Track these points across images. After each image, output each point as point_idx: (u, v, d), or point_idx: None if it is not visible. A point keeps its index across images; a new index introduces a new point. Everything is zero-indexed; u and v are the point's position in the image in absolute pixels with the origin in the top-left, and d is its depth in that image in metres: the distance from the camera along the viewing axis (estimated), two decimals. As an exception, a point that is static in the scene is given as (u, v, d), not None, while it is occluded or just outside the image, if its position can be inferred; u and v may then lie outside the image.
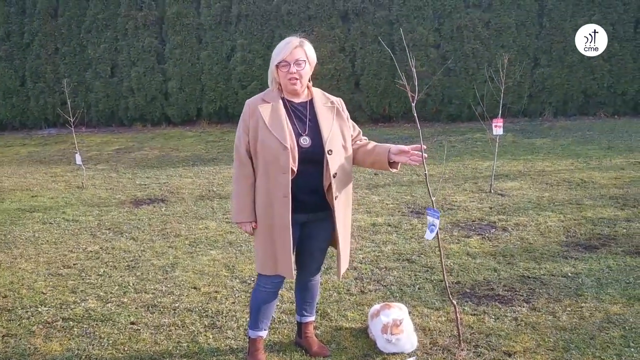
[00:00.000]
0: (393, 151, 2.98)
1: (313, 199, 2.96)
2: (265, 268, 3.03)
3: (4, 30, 13.30)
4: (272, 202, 2.90)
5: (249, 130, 2.93)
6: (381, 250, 4.87)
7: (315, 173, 2.92)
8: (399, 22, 11.66)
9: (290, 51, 2.86)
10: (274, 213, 2.90)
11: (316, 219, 3.03)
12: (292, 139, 2.85)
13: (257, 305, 3.15)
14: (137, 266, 4.76)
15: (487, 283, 4.12)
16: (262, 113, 2.90)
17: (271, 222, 2.92)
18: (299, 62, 2.88)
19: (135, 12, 12.72)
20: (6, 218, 6.40)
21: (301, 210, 2.94)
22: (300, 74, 2.90)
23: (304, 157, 2.88)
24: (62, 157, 10.15)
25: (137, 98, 12.96)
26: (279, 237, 2.93)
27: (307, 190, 2.93)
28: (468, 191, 6.62)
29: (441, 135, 10.52)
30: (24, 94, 13.54)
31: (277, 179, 2.86)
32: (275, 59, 2.91)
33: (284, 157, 2.83)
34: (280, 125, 2.87)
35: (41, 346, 3.50)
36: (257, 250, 3.06)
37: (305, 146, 2.89)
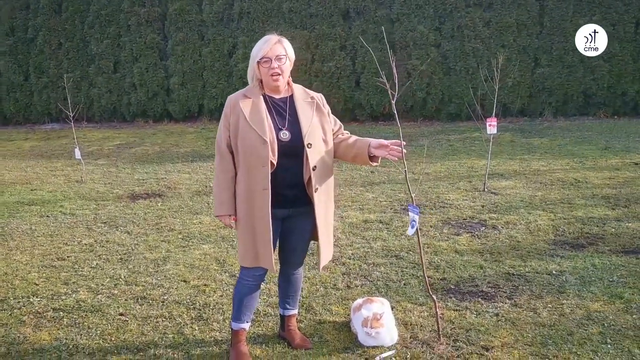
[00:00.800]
0: (373, 145, 3.02)
1: (293, 193, 3.02)
2: (246, 260, 3.09)
3: (8, 25, 13.42)
4: (253, 195, 2.95)
5: (229, 125, 2.99)
6: (370, 247, 4.92)
7: (295, 167, 2.98)
8: (399, 20, 11.70)
9: (270, 47, 2.94)
10: (254, 206, 2.96)
11: (297, 214, 3.09)
12: (271, 133, 2.92)
13: (240, 297, 3.21)
14: (129, 259, 4.83)
15: (472, 280, 4.16)
16: (242, 108, 2.96)
17: (251, 215, 2.98)
18: (280, 57, 2.95)
19: (138, 9, 12.81)
20: (4, 211, 6.49)
21: (282, 205, 3.00)
22: (282, 69, 2.97)
23: (284, 151, 2.94)
24: (63, 152, 10.25)
25: (139, 94, 13.06)
26: (259, 230, 2.98)
27: (287, 184, 2.98)
28: (462, 189, 6.66)
29: (440, 134, 10.56)
30: (28, 89, 13.66)
31: (256, 172, 2.92)
32: (256, 56, 2.97)
33: (264, 150, 2.89)
34: (260, 120, 2.93)
35: (30, 335, 3.57)
36: (240, 243, 3.12)
37: (284, 140, 2.95)
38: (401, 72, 11.37)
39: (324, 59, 12.03)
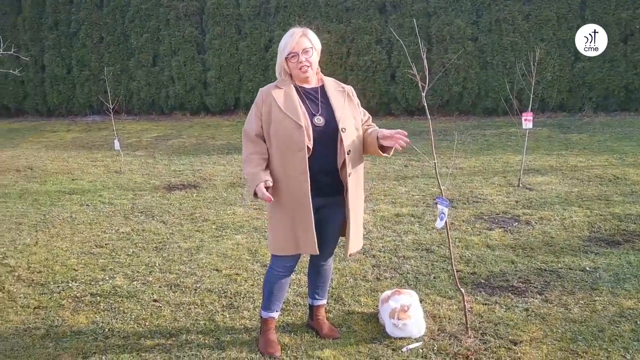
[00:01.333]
0: (380, 136, 3.04)
1: (328, 180, 3.05)
2: (285, 248, 3.11)
3: (52, 19, 13.79)
4: (290, 181, 2.98)
5: (261, 114, 3.04)
6: (401, 240, 4.93)
7: (330, 152, 3.01)
8: (436, 14, 11.59)
9: (296, 41, 2.99)
10: (292, 192, 2.99)
11: (330, 204, 3.12)
12: (305, 118, 2.96)
13: (270, 287, 3.26)
14: (164, 248, 4.96)
15: (503, 274, 4.13)
16: (275, 97, 3.01)
17: (289, 201, 3.01)
18: (307, 50, 2.99)
19: (177, 3, 13.01)
20: (47, 199, 6.72)
21: (317, 194, 3.02)
22: (310, 61, 3.01)
23: (319, 136, 2.97)
24: (103, 143, 10.51)
25: (177, 87, 13.27)
26: (299, 215, 3.01)
27: (322, 170, 3.01)
28: (496, 184, 6.59)
29: (476, 128, 10.44)
30: (70, 82, 14.03)
31: (293, 157, 2.95)
32: (283, 51, 3.03)
33: (299, 135, 2.92)
34: (294, 107, 2.98)
35: (69, 319, 3.71)
36: (274, 232, 3.15)
37: (319, 125, 2.99)
38: (437, 66, 11.27)
39: (360, 52, 12.01)
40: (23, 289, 4.20)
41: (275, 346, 3.25)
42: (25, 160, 9.14)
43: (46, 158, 9.34)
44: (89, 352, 3.28)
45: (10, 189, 7.29)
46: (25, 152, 9.91)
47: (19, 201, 6.66)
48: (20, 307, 3.90)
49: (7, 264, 4.68)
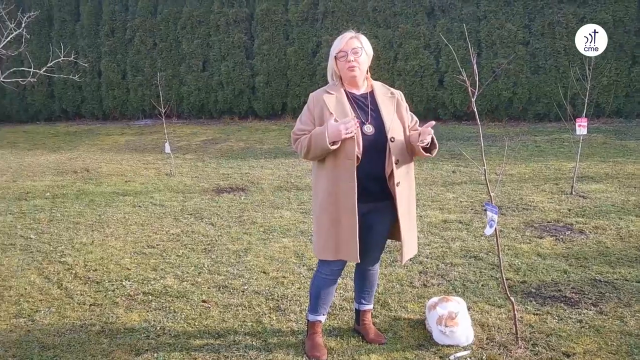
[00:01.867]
0: (412, 141, 3.06)
1: (375, 187, 3.05)
2: (327, 253, 3.13)
3: (109, 26, 14.26)
4: (338, 188, 3.00)
5: (314, 119, 3.06)
6: (449, 247, 4.87)
7: (378, 161, 3.01)
8: (486, 18, 11.42)
9: (346, 42, 3.03)
10: (339, 199, 3.01)
11: (378, 209, 3.12)
12: (356, 127, 2.95)
13: (317, 291, 3.28)
14: (213, 249, 5.05)
15: (555, 284, 4.04)
16: (326, 102, 3.04)
17: (337, 207, 3.03)
18: (356, 50, 3.02)
19: (227, 9, 13.25)
20: (102, 200, 6.94)
21: (364, 200, 3.02)
22: (358, 61, 3.03)
23: (368, 145, 2.98)
24: (155, 146, 10.79)
25: (226, 92, 13.51)
26: (345, 222, 3.02)
27: (370, 177, 3.02)
28: (547, 192, 6.43)
29: (526, 134, 10.22)
30: (125, 87, 14.46)
31: (342, 165, 2.97)
32: (333, 52, 3.07)
33: (350, 143, 2.93)
34: (345, 114, 2.99)
35: (122, 316, 3.83)
36: (318, 236, 3.18)
37: (368, 134, 2.99)
38: (486, 71, 11.11)
39: (407, 57, 11.95)
40: (80, 286, 4.35)
41: (322, 350, 3.26)
42: (82, 162, 9.47)
43: (101, 160, 9.65)
44: (142, 350, 3.38)
45: (68, 189, 7.57)
46: (82, 155, 10.27)
47: (76, 202, 6.91)
48: (77, 303, 4.04)
49: (65, 262, 4.86)
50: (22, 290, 4.29)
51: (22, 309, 3.97)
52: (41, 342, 3.50)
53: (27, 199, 7.13)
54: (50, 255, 5.06)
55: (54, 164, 9.41)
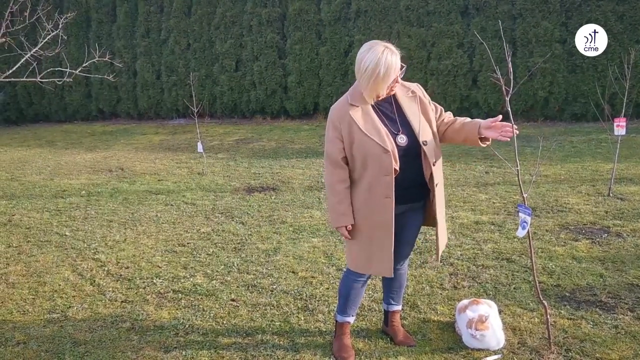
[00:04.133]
0: (483, 126, 2.96)
1: (414, 192, 3.03)
2: (360, 267, 3.12)
3: (144, 27, 14.49)
4: (373, 203, 2.94)
5: (342, 136, 2.94)
6: (480, 248, 4.79)
7: (415, 167, 2.97)
8: (522, 16, 11.21)
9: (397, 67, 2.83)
10: (374, 214, 2.95)
11: (413, 209, 3.12)
12: (390, 141, 2.89)
13: (346, 292, 3.26)
14: (242, 248, 5.07)
15: (590, 288, 3.92)
16: (354, 117, 2.91)
17: (371, 223, 2.98)
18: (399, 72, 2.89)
19: (260, 9, 13.31)
20: (135, 198, 7.05)
21: (401, 202, 2.98)
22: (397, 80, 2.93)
23: (404, 155, 2.92)
24: (187, 146, 10.91)
25: (259, 91, 13.58)
26: (378, 238, 2.99)
27: (406, 185, 2.97)
28: (583, 193, 6.27)
29: (562, 135, 9.99)
30: (159, 87, 14.67)
31: (379, 181, 2.90)
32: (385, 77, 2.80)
33: (387, 159, 2.87)
34: (377, 129, 2.90)
35: (152, 313, 3.87)
36: (351, 249, 3.14)
37: (402, 144, 2.92)
38: (522, 70, 10.90)
39: (440, 56, 11.81)
40: (112, 283, 4.42)
41: (350, 351, 3.24)
42: (117, 161, 9.64)
43: (136, 159, 9.80)
44: (170, 347, 3.41)
45: (102, 188, 7.72)
46: (117, 154, 10.46)
47: (110, 200, 7.03)
48: (109, 300, 4.11)
49: (98, 259, 4.95)
50: (56, 286, 4.39)
51: (56, 305, 4.05)
52: (73, 337, 3.56)
53: (63, 196, 7.29)
54: (84, 252, 5.16)
55: (90, 163, 9.60)
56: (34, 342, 3.52)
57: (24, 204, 6.97)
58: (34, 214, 6.50)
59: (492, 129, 2.93)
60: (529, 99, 11.28)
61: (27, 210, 6.67)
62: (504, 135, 2.90)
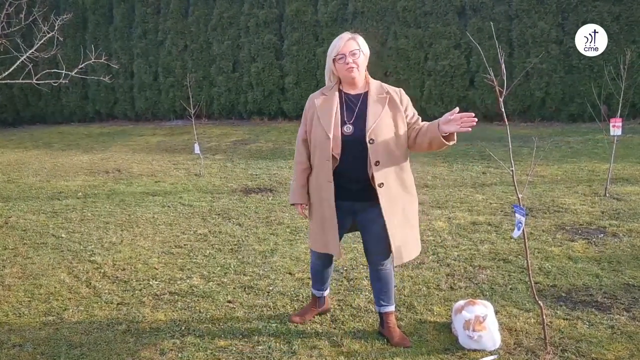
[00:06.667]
0: (442, 122, 3.00)
1: (356, 187, 3.15)
2: (316, 245, 3.39)
3: (141, 29, 14.48)
4: (320, 187, 3.20)
5: (307, 121, 3.26)
6: (477, 249, 4.79)
7: (358, 161, 3.09)
8: (518, 17, 11.23)
9: (344, 43, 3.10)
10: (322, 197, 3.21)
11: (365, 208, 3.19)
12: (336, 128, 3.10)
13: (314, 273, 3.67)
14: (239, 250, 5.07)
15: (586, 288, 3.93)
16: (316, 105, 3.19)
17: (321, 205, 3.23)
18: (354, 52, 3.10)
19: (257, 10, 13.31)
20: (132, 200, 7.04)
21: (346, 198, 3.17)
22: (356, 62, 3.10)
23: (347, 145, 3.09)
24: (185, 147, 10.90)
25: (256, 92, 13.57)
26: (327, 219, 3.22)
27: (350, 178, 3.13)
28: (580, 194, 6.28)
29: (559, 135, 10.01)
30: (156, 88, 14.65)
31: (322, 165, 3.14)
32: (331, 54, 3.16)
33: (327, 145, 3.09)
34: (329, 115, 3.13)
35: (149, 315, 3.87)
36: (310, 228, 3.42)
37: (347, 133, 3.10)
38: (518, 71, 10.91)
39: (437, 57, 11.83)
40: (108, 285, 4.41)
41: (303, 316, 3.62)
42: (114, 163, 9.63)
43: (132, 161, 9.79)
44: (166, 349, 3.40)
45: (99, 189, 7.70)
46: (114, 155, 10.44)
47: (107, 201, 7.02)
48: (105, 302, 4.10)
49: (94, 261, 4.94)
50: (52, 288, 4.38)
51: (52, 307, 4.04)
52: (69, 340, 3.56)
53: (59, 198, 7.27)
54: (80, 254, 5.15)
55: (87, 164, 9.58)
56: (29, 345, 3.51)
57: (20, 206, 6.95)
58: (30, 215, 6.49)
59: (450, 123, 2.96)
60: (525, 100, 11.31)
61: (23, 212, 6.66)
62: (464, 126, 2.92)
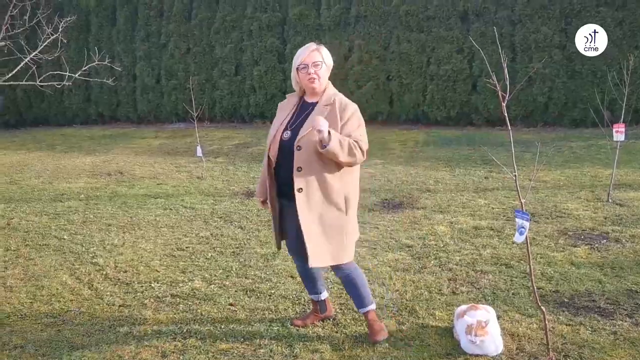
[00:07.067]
0: None
1: (286, 188, 3.25)
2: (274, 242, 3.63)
3: (144, 31, 14.52)
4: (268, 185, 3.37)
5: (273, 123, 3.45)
6: (480, 254, 4.79)
7: (289, 165, 3.20)
8: (521, 22, 11.24)
9: (308, 54, 3.21)
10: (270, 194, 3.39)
11: (289, 206, 3.28)
12: (278, 133, 3.28)
13: (300, 275, 3.74)
14: (241, 253, 5.07)
15: (589, 294, 3.92)
16: (279, 108, 3.45)
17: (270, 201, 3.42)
18: (316, 63, 3.23)
19: (260, 14, 13.35)
20: (134, 202, 7.04)
21: (278, 195, 3.37)
22: (318, 74, 3.22)
23: (283, 149, 3.25)
24: (187, 150, 10.90)
25: (258, 96, 13.59)
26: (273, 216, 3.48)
27: (282, 179, 3.28)
28: (582, 199, 6.27)
29: (562, 140, 10.00)
30: (159, 91, 14.68)
31: (266, 165, 3.34)
32: (295, 63, 3.27)
33: (269, 147, 3.30)
34: (279, 119, 3.35)
35: (150, 317, 3.86)
36: None
37: (285, 139, 3.25)
38: (521, 76, 10.91)
39: (440, 62, 11.84)
40: (109, 287, 4.41)
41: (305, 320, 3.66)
42: (116, 165, 9.64)
43: (135, 163, 9.80)
44: (168, 352, 3.40)
45: (102, 191, 7.71)
46: (116, 157, 10.45)
47: (109, 203, 7.03)
48: (106, 304, 4.10)
49: (97, 263, 4.94)
50: (54, 290, 4.38)
51: (54, 309, 4.04)
52: (70, 342, 3.55)
53: (62, 200, 7.28)
54: (82, 256, 5.15)
55: (89, 167, 9.59)
56: (31, 346, 3.51)
57: (22, 207, 6.96)
58: (33, 217, 6.49)
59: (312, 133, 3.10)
60: (528, 105, 11.31)
61: (25, 213, 6.67)
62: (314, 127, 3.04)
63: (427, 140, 10.62)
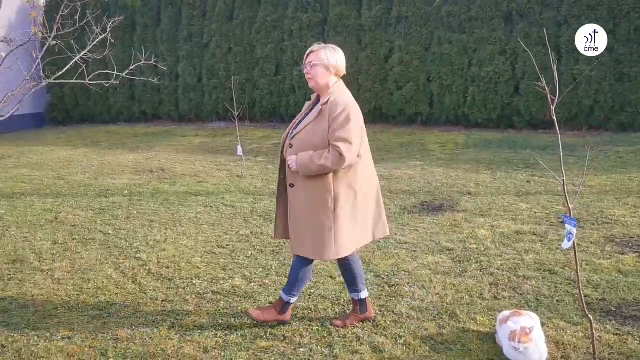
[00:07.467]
0: None
1: None
2: None
3: (187, 31, 14.74)
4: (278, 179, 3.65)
5: None
6: (522, 259, 4.70)
7: None
8: (568, 23, 10.99)
9: (307, 55, 3.46)
10: None
11: None
12: (291, 129, 3.52)
13: None
14: (281, 252, 5.10)
15: (637, 303, 3.81)
16: None
17: None
18: (312, 63, 3.40)
19: (301, 14, 13.40)
20: (176, 199, 7.17)
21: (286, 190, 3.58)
22: (312, 73, 3.41)
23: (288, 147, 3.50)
24: (227, 148, 11.03)
25: (298, 96, 13.64)
26: None
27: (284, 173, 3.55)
28: (630, 205, 6.10)
29: (608, 144, 9.74)
30: (200, 90, 14.88)
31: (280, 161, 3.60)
32: None
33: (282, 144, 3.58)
34: (297, 118, 3.57)
35: (192, 313, 3.93)
36: None
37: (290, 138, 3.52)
38: (566, 78, 10.67)
39: (482, 63, 11.67)
40: (152, 282, 4.50)
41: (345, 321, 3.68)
42: (158, 162, 9.83)
43: (176, 161, 9.97)
44: (210, 347, 3.45)
45: (144, 188, 7.87)
46: (158, 155, 10.65)
47: (151, 200, 7.17)
48: (150, 299, 4.18)
49: (140, 258, 5.05)
50: (100, 283, 4.49)
51: (99, 302, 4.15)
52: (115, 334, 3.64)
53: (106, 196, 7.46)
54: (126, 251, 5.27)
55: (133, 163, 9.81)
56: (78, 337, 3.61)
57: (69, 202, 7.16)
58: (79, 212, 6.67)
59: None
60: (573, 108, 11.05)
61: (72, 208, 6.86)
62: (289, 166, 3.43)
63: (467, 143, 10.48)
